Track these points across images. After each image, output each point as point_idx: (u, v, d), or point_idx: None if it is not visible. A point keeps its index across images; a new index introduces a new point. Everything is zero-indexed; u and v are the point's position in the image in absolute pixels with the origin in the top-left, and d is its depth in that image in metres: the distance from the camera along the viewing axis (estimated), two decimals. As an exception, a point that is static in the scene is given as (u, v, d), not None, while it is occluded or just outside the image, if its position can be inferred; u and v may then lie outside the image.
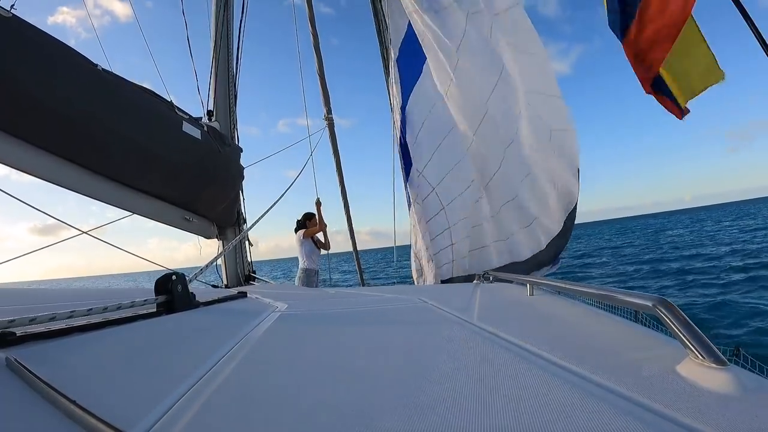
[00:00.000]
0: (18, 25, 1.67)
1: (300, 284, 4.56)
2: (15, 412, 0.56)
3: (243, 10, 3.86)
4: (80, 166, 2.02)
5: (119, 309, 1.12)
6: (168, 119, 2.45)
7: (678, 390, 0.62)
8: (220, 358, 0.83)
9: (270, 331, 1.12)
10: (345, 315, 1.48)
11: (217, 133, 3.00)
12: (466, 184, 3.46)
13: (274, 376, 0.77)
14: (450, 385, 0.67)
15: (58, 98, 1.81)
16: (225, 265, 3.68)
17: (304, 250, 4.63)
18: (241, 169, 3.35)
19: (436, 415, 0.56)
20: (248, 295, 1.85)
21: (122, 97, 2.14)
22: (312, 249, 4.67)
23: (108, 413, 0.52)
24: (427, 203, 3.47)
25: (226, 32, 3.67)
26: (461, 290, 2.07)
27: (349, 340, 1.06)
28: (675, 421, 0.53)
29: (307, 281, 4.58)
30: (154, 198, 2.49)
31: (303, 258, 4.63)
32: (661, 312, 0.75)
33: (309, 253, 4.64)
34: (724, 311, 5.92)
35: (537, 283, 1.66)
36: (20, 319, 0.86)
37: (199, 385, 0.67)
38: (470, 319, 1.20)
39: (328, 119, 4.77)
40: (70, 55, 1.90)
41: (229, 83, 3.72)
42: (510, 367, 0.76)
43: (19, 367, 0.66)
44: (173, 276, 1.32)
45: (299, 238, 4.63)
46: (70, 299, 1.66)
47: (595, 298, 1.23)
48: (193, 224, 2.87)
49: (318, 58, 4.65)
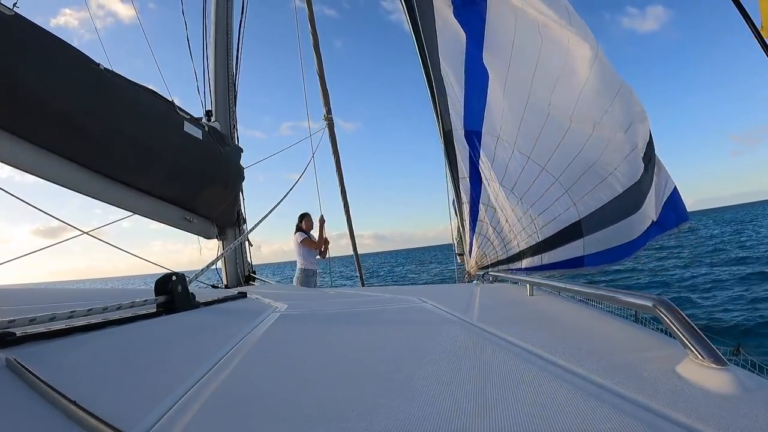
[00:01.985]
0: (20, 23, 1.67)
1: (298, 284, 4.58)
2: (15, 412, 0.56)
3: (243, 10, 3.87)
4: (81, 166, 2.02)
5: (119, 309, 1.12)
6: (169, 119, 2.45)
7: (678, 390, 0.62)
8: (220, 358, 0.83)
9: (270, 332, 1.12)
10: (345, 315, 1.48)
11: (217, 133, 3.01)
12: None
13: (274, 376, 0.77)
14: (450, 386, 0.67)
15: (60, 97, 1.81)
16: (225, 266, 3.69)
17: (301, 250, 4.67)
18: (241, 170, 3.35)
19: (436, 416, 0.56)
20: (248, 296, 1.85)
21: (124, 97, 2.14)
22: (309, 250, 4.70)
23: (108, 413, 0.52)
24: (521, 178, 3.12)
25: (226, 32, 3.67)
26: (461, 290, 2.07)
27: (349, 341, 1.06)
28: (675, 421, 0.53)
29: (305, 281, 4.60)
30: (155, 198, 2.49)
31: (301, 258, 4.67)
32: (661, 312, 0.75)
33: (307, 254, 4.68)
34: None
35: (537, 283, 1.66)
36: (20, 319, 0.86)
37: (199, 385, 0.67)
38: (470, 320, 1.20)
39: (327, 119, 4.78)
40: (72, 54, 1.90)
41: (228, 83, 3.73)
42: (510, 367, 0.76)
43: (19, 367, 0.66)
44: (173, 276, 1.32)
45: (297, 241, 4.67)
46: (70, 299, 1.66)
47: (595, 298, 1.23)
48: (193, 224, 2.87)
49: (318, 59, 4.66)
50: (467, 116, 3.28)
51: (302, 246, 4.65)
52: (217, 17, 3.61)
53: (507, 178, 3.15)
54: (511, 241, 3.16)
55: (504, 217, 3.18)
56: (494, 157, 3.20)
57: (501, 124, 3.19)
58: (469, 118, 3.28)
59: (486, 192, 3.22)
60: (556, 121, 3.11)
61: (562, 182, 3.11)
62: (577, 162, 3.10)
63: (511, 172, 3.15)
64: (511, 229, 3.15)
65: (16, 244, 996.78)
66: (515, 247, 3.15)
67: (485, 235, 3.20)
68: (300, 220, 4.76)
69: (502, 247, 3.19)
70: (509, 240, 3.17)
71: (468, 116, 3.28)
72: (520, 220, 3.11)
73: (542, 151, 3.11)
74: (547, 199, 3.11)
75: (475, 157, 3.25)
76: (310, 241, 4.67)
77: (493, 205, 3.20)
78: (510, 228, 3.15)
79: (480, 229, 3.20)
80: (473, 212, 3.24)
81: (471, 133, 3.26)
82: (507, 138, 3.18)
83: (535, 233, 3.10)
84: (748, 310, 6.39)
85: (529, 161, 3.13)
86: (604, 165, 3.11)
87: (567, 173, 3.10)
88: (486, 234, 3.20)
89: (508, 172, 3.16)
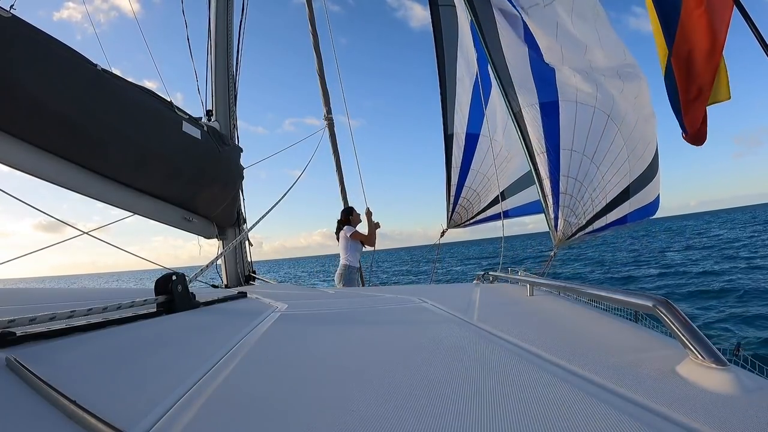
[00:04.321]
0: (17, 25, 1.67)
1: (340, 281, 4.47)
2: (15, 412, 0.56)
3: (243, 9, 3.87)
4: (79, 166, 2.02)
5: (119, 309, 1.12)
6: (168, 119, 2.45)
7: (678, 390, 0.62)
8: (220, 358, 0.83)
9: (270, 331, 1.12)
10: (345, 315, 1.48)
11: (217, 133, 3.01)
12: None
13: (274, 376, 0.77)
14: (450, 386, 0.67)
15: (57, 98, 1.81)
16: (225, 265, 3.68)
17: (348, 246, 4.50)
18: (241, 169, 3.35)
19: (436, 416, 0.56)
20: (248, 295, 1.85)
21: (121, 97, 2.14)
22: (357, 246, 4.55)
23: (108, 413, 0.52)
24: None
25: (226, 32, 3.67)
26: (461, 290, 2.08)
27: (349, 341, 1.06)
28: (675, 421, 0.53)
29: (348, 278, 4.46)
30: (154, 198, 2.49)
31: (346, 254, 4.49)
32: (661, 312, 0.75)
33: (352, 249, 4.51)
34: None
35: (537, 284, 1.66)
36: (20, 319, 0.86)
37: (199, 385, 0.67)
38: (470, 320, 1.20)
39: (328, 119, 4.78)
40: (69, 55, 1.90)
41: (228, 83, 3.72)
42: (510, 367, 0.76)
43: (19, 367, 0.66)
44: (173, 276, 1.32)
45: (345, 235, 4.51)
46: (70, 299, 1.66)
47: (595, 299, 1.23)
48: (193, 224, 2.87)
49: (318, 59, 4.66)
50: (540, 89, 3.44)
51: (351, 240, 4.49)
52: (217, 17, 3.61)
53: (588, 145, 3.37)
54: (587, 207, 3.39)
55: (582, 185, 3.37)
56: (575, 122, 3.36)
57: (576, 87, 3.36)
58: (542, 91, 3.44)
59: (566, 162, 3.38)
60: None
61: (628, 146, 3.43)
62: (637, 128, 3.47)
63: (591, 137, 3.37)
64: (589, 195, 3.38)
65: (18, 238, 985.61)
66: (591, 211, 3.40)
67: (568, 206, 3.36)
68: (347, 214, 4.66)
69: (581, 213, 3.40)
70: (586, 205, 3.39)
71: (541, 89, 3.44)
72: (595, 186, 3.38)
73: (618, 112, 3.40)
74: (618, 163, 3.44)
75: (552, 129, 3.39)
76: (360, 234, 4.53)
77: (573, 175, 3.37)
78: (590, 194, 3.38)
79: (563, 201, 3.35)
80: (554, 185, 3.39)
81: (546, 105, 3.40)
82: (585, 99, 3.37)
83: (603, 198, 3.42)
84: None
85: (609, 120, 3.37)
86: (647, 137, 3.53)
87: (632, 137, 3.45)
88: (569, 205, 3.36)
89: (590, 139, 3.37)
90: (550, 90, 3.38)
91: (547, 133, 3.34)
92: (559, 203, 3.32)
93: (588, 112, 3.33)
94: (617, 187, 3.46)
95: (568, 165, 3.31)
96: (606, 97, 3.34)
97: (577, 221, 3.34)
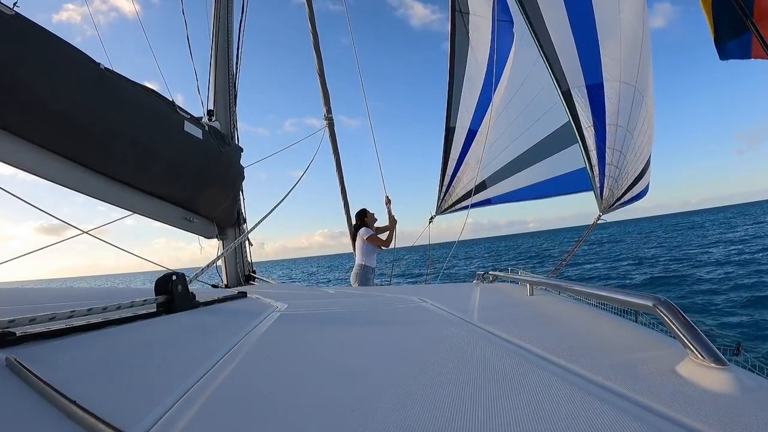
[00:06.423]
0: (21, 23, 1.67)
1: (356, 281, 4.49)
2: (15, 412, 0.56)
3: (243, 10, 3.87)
4: (81, 165, 2.02)
5: (119, 309, 1.12)
6: (169, 119, 2.45)
7: (678, 390, 0.62)
8: (220, 358, 0.83)
9: (270, 331, 1.12)
10: (345, 315, 1.48)
11: (218, 132, 3.01)
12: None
13: (274, 376, 0.77)
14: (450, 386, 0.67)
15: (60, 97, 1.81)
16: (225, 265, 3.68)
17: (364, 247, 4.52)
18: (241, 170, 3.35)
19: (437, 416, 0.56)
20: (248, 295, 1.85)
21: (124, 96, 2.14)
22: (372, 247, 4.57)
23: (108, 413, 0.52)
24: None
25: (226, 32, 3.67)
26: (461, 290, 2.08)
27: (349, 340, 1.06)
28: (675, 421, 0.53)
29: (363, 279, 4.48)
30: (155, 197, 2.49)
31: (362, 255, 4.52)
32: (661, 312, 0.75)
33: (369, 250, 4.53)
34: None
35: (537, 283, 1.66)
36: (20, 319, 0.86)
37: (199, 385, 0.67)
38: (470, 319, 1.20)
39: (328, 119, 4.78)
40: (72, 54, 1.90)
41: (229, 83, 3.72)
42: (510, 367, 0.76)
43: (19, 367, 0.66)
44: (173, 276, 1.32)
45: (362, 237, 4.53)
46: (70, 299, 1.66)
47: (595, 298, 1.23)
48: (193, 224, 2.87)
49: (318, 58, 4.66)
50: (586, 71, 3.76)
51: (368, 243, 4.52)
52: (218, 17, 3.61)
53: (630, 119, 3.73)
54: (627, 176, 3.79)
55: (623, 156, 3.73)
56: (619, 98, 3.70)
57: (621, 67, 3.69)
58: (588, 72, 3.76)
59: (612, 136, 3.72)
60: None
61: (648, 117, 3.91)
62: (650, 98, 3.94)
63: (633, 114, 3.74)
64: (629, 165, 3.76)
65: (18, 241, 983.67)
66: (628, 181, 3.80)
67: (612, 176, 3.73)
68: (361, 217, 4.67)
69: (622, 182, 3.79)
70: (627, 174, 3.78)
71: (587, 70, 3.77)
72: (635, 155, 3.78)
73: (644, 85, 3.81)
74: (649, 133, 3.90)
75: (599, 105, 3.73)
76: (376, 238, 4.54)
77: (618, 147, 3.72)
78: (629, 164, 3.76)
79: (609, 171, 3.71)
80: (600, 156, 3.73)
81: (592, 87, 3.73)
82: (627, 79, 3.70)
83: (635, 168, 3.84)
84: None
85: (636, 91, 3.72)
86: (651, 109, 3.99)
87: (650, 108, 3.92)
88: (613, 175, 3.73)
89: (631, 117, 3.71)
90: (596, 73, 3.70)
91: (594, 111, 3.69)
92: (605, 173, 3.68)
93: (629, 90, 3.66)
94: (643, 155, 3.87)
95: (614, 138, 3.65)
96: (642, 74, 3.69)
97: (618, 190, 3.73)
